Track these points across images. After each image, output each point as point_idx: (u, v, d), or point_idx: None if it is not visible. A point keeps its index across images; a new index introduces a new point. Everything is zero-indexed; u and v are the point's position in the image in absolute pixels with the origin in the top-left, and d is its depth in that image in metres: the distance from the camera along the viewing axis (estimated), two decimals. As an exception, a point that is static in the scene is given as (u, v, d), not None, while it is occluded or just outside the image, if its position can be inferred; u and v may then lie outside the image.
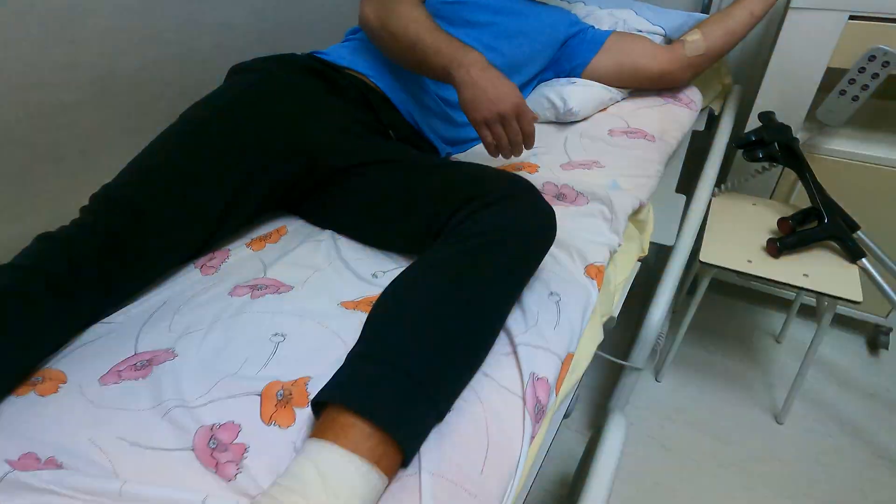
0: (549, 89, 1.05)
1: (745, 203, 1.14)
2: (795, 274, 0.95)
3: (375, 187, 0.74)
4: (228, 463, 0.47)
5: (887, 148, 1.08)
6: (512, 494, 0.47)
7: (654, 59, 1.04)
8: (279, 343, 0.59)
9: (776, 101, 1.09)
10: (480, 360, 0.54)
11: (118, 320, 0.65)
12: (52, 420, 0.53)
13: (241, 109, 0.75)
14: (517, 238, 0.57)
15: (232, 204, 0.72)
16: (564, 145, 0.98)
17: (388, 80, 0.89)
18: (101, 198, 0.64)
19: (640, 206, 0.85)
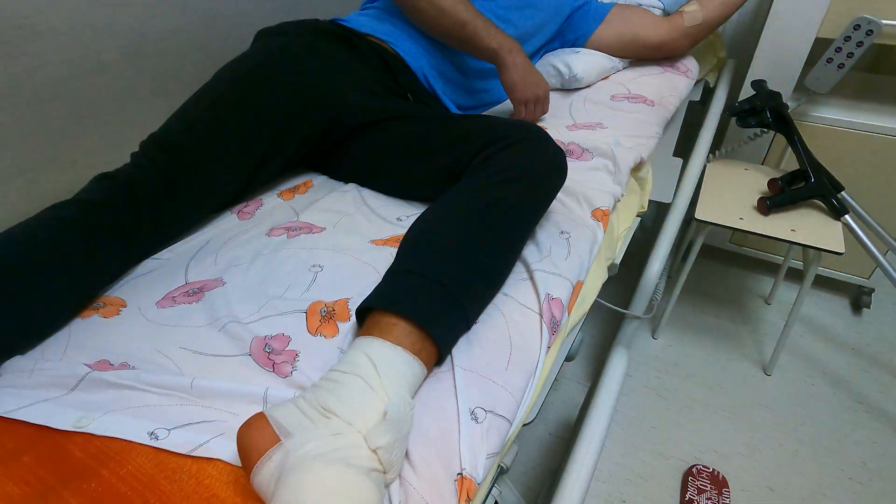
0: (555, 58, 1.11)
1: (738, 168, 1.21)
2: (783, 229, 1.02)
3: (397, 139, 0.80)
4: (283, 363, 0.53)
5: (872, 116, 1.15)
6: (532, 390, 0.54)
7: (654, 29, 1.10)
8: (318, 273, 0.65)
9: (768, 72, 1.16)
10: (502, 280, 0.60)
11: (166, 256, 0.71)
12: (117, 336, 0.59)
13: (272, 68, 0.81)
14: (533, 175, 0.63)
15: (266, 154, 0.78)
16: (569, 109, 1.04)
17: (406, 46, 0.95)
18: (152, 143, 0.70)
19: (640, 163, 0.92)
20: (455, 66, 0.99)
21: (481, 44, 0.89)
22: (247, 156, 0.75)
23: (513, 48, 0.89)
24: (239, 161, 0.75)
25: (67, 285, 0.60)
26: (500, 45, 0.88)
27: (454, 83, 1.01)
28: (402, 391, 0.45)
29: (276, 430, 0.41)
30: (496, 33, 0.89)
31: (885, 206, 1.18)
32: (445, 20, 0.88)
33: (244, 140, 0.75)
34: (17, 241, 0.58)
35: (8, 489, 0.44)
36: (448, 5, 0.87)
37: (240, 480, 0.44)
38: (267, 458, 0.40)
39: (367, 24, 0.96)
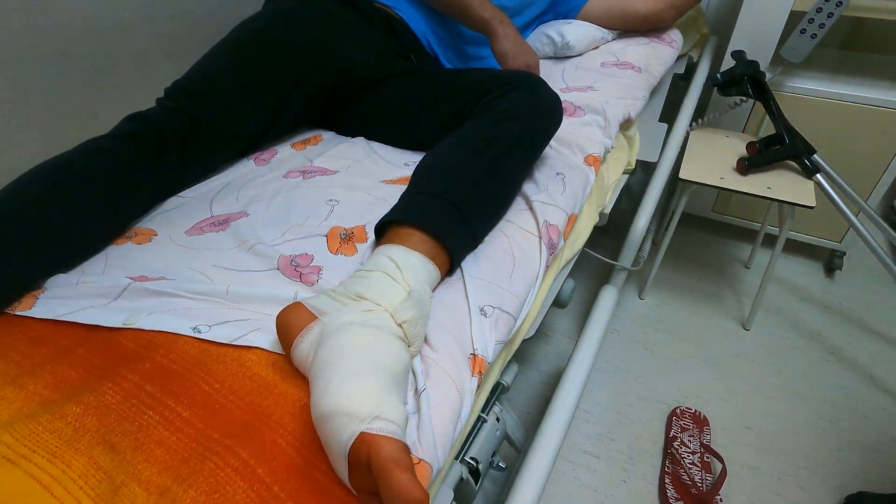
0: (548, 28, 1.18)
1: (720, 135, 1.28)
2: (760, 187, 1.10)
3: (403, 92, 0.86)
4: (309, 274, 0.59)
5: (843, 86, 1.23)
6: (533, 297, 0.60)
7: (642, 1, 1.17)
8: (334, 206, 0.71)
9: (747, 44, 1.23)
10: (506, 206, 0.66)
11: (190, 195, 0.76)
12: (152, 258, 0.64)
13: (285, 28, 0.86)
14: (530, 115, 0.70)
15: (281, 103, 0.83)
16: (562, 74, 1.11)
17: (410, 12, 1.00)
18: (177, 89, 0.75)
19: (628, 120, 0.98)
20: (453, 32, 1.05)
21: (474, 14, 0.93)
22: (263, 103, 0.81)
23: (503, 19, 0.93)
24: (256, 109, 0.80)
25: (103, 210, 0.65)
26: (491, 16, 0.92)
27: (453, 48, 1.07)
28: (422, 282, 0.51)
29: (312, 312, 0.47)
30: (488, 5, 0.94)
31: (855, 169, 1.27)
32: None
33: (261, 88, 0.80)
34: (55, 169, 0.63)
35: (66, 374, 0.50)
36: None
37: (277, 363, 0.50)
38: (307, 331, 0.45)
39: None
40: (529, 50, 0.95)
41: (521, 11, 1.15)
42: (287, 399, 0.45)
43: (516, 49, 0.93)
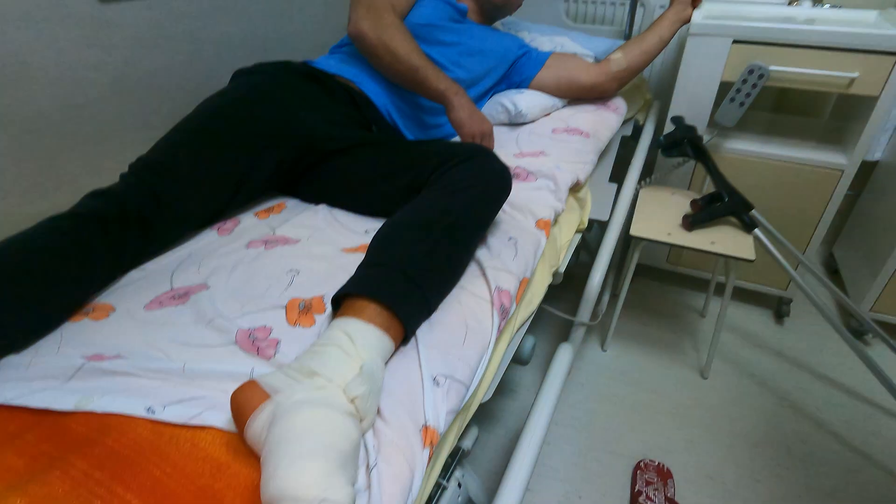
0: (503, 97, 1.26)
1: (667, 193, 1.36)
2: (705, 242, 1.16)
3: (363, 162, 0.90)
4: (267, 348, 0.60)
5: (775, 147, 1.34)
6: (486, 364, 0.63)
7: (587, 73, 1.27)
8: (294, 276, 0.73)
9: (685, 109, 1.34)
10: (459, 274, 0.70)
11: (151, 268, 0.76)
12: (108, 335, 0.64)
13: (250, 102, 0.90)
14: (481, 186, 0.74)
15: (244, 177, 0.86)
16: (516, 140, 1.18)
17: (371, 86, 1.06)
18: (141, 164, 0.78)
19: (578, 183, 1.05)
20: (412, 104, 1.11)
21: (431, 86, 1.00)
22: (226, 178, 0.83)
23: (458, 90, 1.01)
24: (219, 182, 0.83)
25: (60, 289, 0.65)
26: (446, 88, 1.00)
27: (412, 118, 1.13)
28: (374, 356, 0.53)
29: (266, 390, 0.48)
30: (443, 78, 1.01)
31: (791, 222, 1.36)
32: (400, 66, 1.00)
33: (225, 163, 0.83)
34: (14, 248, 0.63)
35: (11, 462, 0.49)
36: (403, 53, 0.99)
37: (231, 442, 0.50)
38: (260, 410, 0.46)
39: (335, 66, 1.08)
40: (483, 118, 1.03)
41: (476, 83, 1.22)
42: (239, 480, 0.46)
43: (471, 117, 1.00)
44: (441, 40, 1.16)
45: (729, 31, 1.22)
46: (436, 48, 1.15)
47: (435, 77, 1.01)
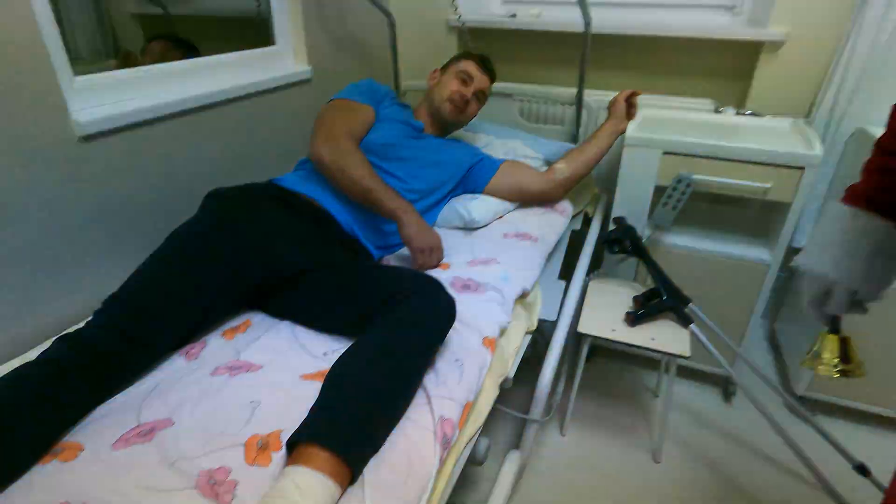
0: (458, 203, 1.37)
1: (613, 285, 1.47)
2: (645, 338, 1.26)
3: (324, 287, 0.98)
4: (225, 493, 0.66)
5: (708, 243, 1.47)
6: (429, 494, 0.69)
7: (535, 181, 1.39)
8: (255, 408, 0.79)
9: (626, 209, 1.46)
10: (405, 407, 0.77)
11: (120, 399, 0.82)
12: (75, 479, 0.69)
13: (218, 231, 0.99)
14: (427, 321, 0.83)
15: (211, 306, 0.93)
16: (471, 246, 1.28)
17: (332, 203, 1.16)
18: (112, 301, 0.84)
19: (525, 292, 1.14)
20: (370, 216, 1.21)
21: (383, 207, 1.12)
22: (196, 308, 0.90)
23: (407, 209, 1.12)
24: (189, 312, 0.90)
25: (28, 440, 0.70)
26: (397, 207, 1.12)
27: (371, 228, 1.22)
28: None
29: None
30: (394, 197, 1.13)
31: (728, 313, 1.47)
32: (355, 188, 1.11)
33: (194, 295, 0.90)
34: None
35: None
36: (357, 177, 1.11)
37: None
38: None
39: (299, 184, 1.18)
40: (430, 232, 1.14)
41: (433, 192, 1.34)
42: None
43: (419, 234, 1.11)
44: (400, 156, 1.28)
45: (658, 144, 1.36)
46: (395, 163, 1.26)
47: (387, 198, 1.12)
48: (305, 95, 1.55)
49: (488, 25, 1.82)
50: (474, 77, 1.40)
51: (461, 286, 1.11)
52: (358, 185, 1.11)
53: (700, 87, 1.74)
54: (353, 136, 1.19)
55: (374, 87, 1.36)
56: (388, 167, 1.25)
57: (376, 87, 1.37)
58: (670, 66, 1.76)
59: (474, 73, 1.40)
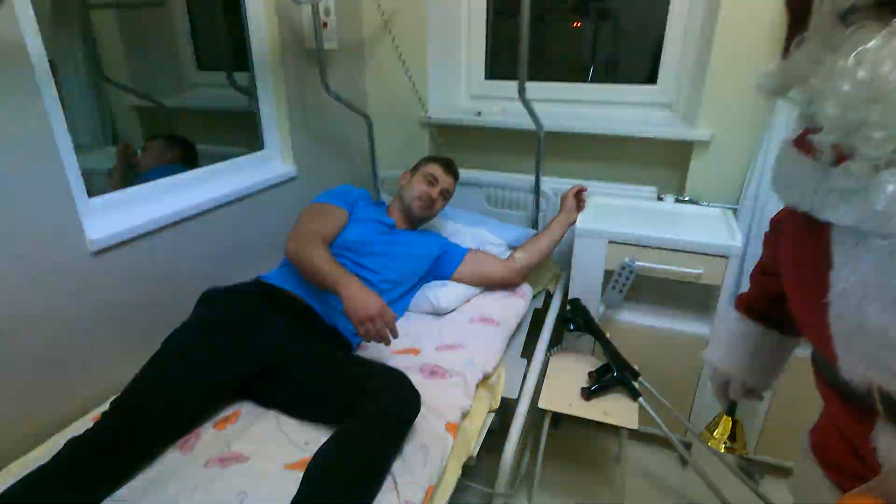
0: (428, 290, 1.53)
1: (573, 360, 1.61)
2: (598, 412, 1.39)
3: (305, 381, 1.11)
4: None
5: (654, 319, 1.63)
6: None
7: (496, 269, 1.56)
8: (243, 499, 0.90)
9: (581, 290, 1.63)
10: (375, 495, 0.89)
11: (123, 493, 0.92)
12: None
13: (210, 331, 1.13)
14: (395, 416, 0.96)
15: (205, 401, 1.06)
16: (440, 331, 1.42)
17: (312, 297, 1.31)
18: (115, 406, 0.97)
19: (486, 375, 1.28)
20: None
21: (326, 282, 1.20)
22: (190, 405, 1.03)
23: (345, 281, 1.17)
24: (185, 410, 1.02)
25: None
26: (335, 282, 1.17)
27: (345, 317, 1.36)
28: None
29: None
30: (335, 272, 1.20)
31: (676, 385, 1.61)
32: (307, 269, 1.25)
33: (188, 394, 1.03)
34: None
35: None
36: (311, 263, 1.23)
37: None
38: None
39: (283, 280, 1.33)
40: (369, 301, 1.14)
41: (403, 282, 1.49)
42: None
43: (355, 307, 1.13)
44: (373, 251, 1.44)
45: (604, 234, 1.55)
46: (369, 258, 1.43)
47: (329, 273, 1.21)
48: (292, 192, 1.73)
49: (456, 123, 2.04)
50: (439, 179, 1.59)
51: (429, 372, 1.25)
52: (311, 268, 1.23)
53: (645, 175, 1.96)
54: (321, 233, 1.35)
55: (349, 191, 1.55)
56: (363, 261, 1.41)
57: (351, 190, 1.56)
58: (617, 157, 1.98)
59: (439, 175, 1.59)
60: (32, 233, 1.02)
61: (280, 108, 1.70)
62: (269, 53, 1.62)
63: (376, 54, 2.04)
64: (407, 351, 1.34)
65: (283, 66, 1.64)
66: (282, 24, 1.60)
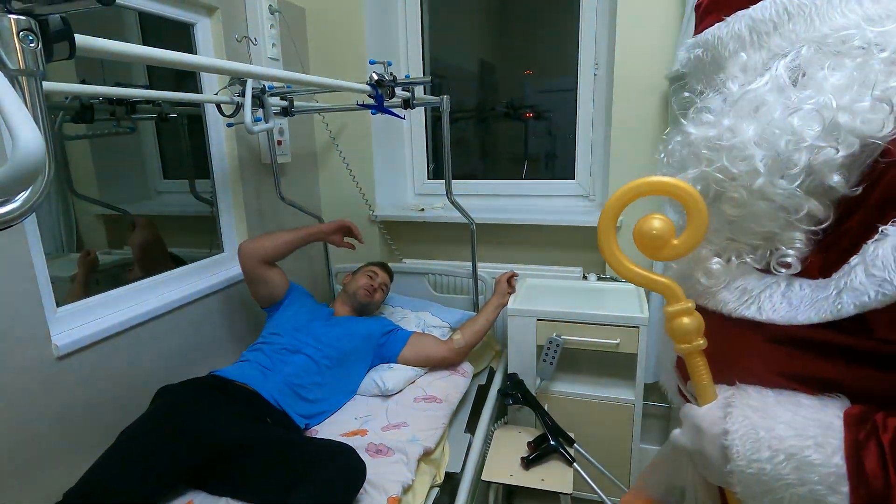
0: (375, 374, 1.65)
1: (515, 431, 1.73)
2: (536, 479, 1.50)
3: (255, 465, 1.20)
4: None
5: (587, 388, 1.78)
6: None
7: (437, 350, 1.72)
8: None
9: (518, 366, 1.78)
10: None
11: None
12: None
13: (162, 422, 1.22)
14: (340, 488, 1.06)
15: (158, 487, 1.13)
16: (386, 412, 1.54)
17: (262, 385, 1.42)
18: (71, 496, 1.03)
19: (428, 451, 1.39)
20: (292, 393, 1.46)
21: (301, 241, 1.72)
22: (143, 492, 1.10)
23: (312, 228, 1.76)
24: (136, 496, 1.09)
25: None
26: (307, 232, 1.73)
27: (294, 398, 1.47)
28: None
29: None
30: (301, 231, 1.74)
31: (611, 447, 1.74)
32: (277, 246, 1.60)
33: (140, 485, 1.11)
34: None
35: None
36: (273, 243, 1.60)
37: None
38: None
39: (235, 373, 1.45)
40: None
41: (345, 359, 1.62)
42: None
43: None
44: (315, 329, 1.61)
45: (533, 313, 1.73)
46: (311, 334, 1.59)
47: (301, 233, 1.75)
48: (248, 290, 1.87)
49: (401, 219, 2.27)
50: (378, 274, 1.86)
51: (374, 451, 1.35)
52: (280, 243, 1.67)
53: (571, 257, 2.20)
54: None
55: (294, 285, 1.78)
56: (301, 337, 1.58)
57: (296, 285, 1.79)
58: (547, 243, 2.22)
59: (377, 272, 1.87)
60: (0, 340, 1.13)
61: (238, 215, 1.89)
62: (229, 169, 1.84)
63: (328, 163, 2.30)
64: (354, 433, 1.44)
65: (242, 178, 1.85)
66: (240, 145, 1.83)
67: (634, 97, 1.89)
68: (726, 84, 0.60)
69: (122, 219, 2.01)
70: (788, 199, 0.53)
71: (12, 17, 0.44)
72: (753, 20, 0.57)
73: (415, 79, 1.58)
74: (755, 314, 0.56)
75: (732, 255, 0.60)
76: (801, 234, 0.54)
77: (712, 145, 0.58)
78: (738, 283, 0.59)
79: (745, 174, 0.55)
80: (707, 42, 0.62)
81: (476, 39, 2.49)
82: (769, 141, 0.53)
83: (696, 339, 0.62)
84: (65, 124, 1.69)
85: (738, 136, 0.55)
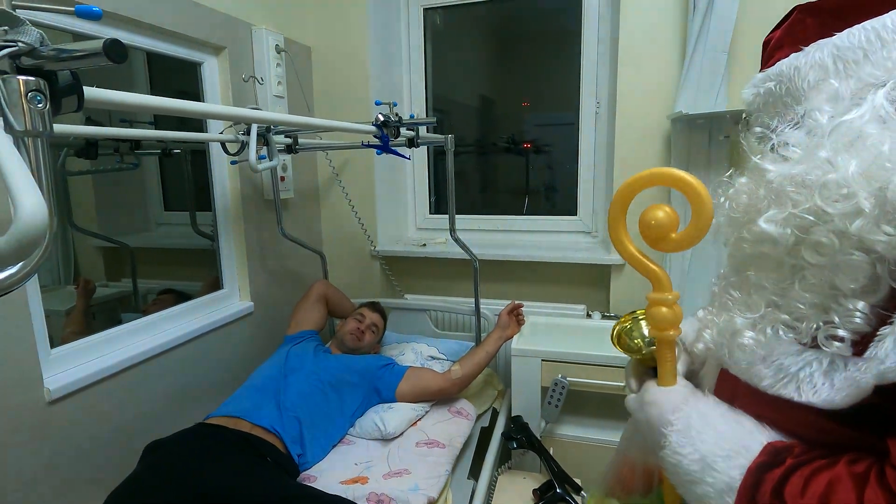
0: (374, 414, 1.61)
1: (520, 477, 1.67)
2: (543, 530, 1.44)
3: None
4: None
5: (593, 431, 1.73)
6: None
7: (434, 381, 1.68)
8: None
9: (522, 408, 1.74)
10: None
11: None
12: None
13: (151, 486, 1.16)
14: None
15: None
16: (387, 458, 1.48)
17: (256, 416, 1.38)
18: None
19: (431, 500, 1.33)
20: (295, 417, 1.43)
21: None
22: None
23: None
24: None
25: None
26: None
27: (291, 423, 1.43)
28: None
29: None
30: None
31: (618, 494, 1.68)
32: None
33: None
34: None
35: None
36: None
37: None
38: None
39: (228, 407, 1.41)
40: None
41: (340, 385, 1.59)
42: None
43: None
44: (313, 361, 1.60)
45: (538, 353, 1.70)
46: (309, 367, 1.59)
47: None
48: (248, 327, 1.84)
49: (403, 254, 2.25)
50: (367, 316, 1.86)
51: (376, 501, 1.29)
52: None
53: (574, 294, 2.17)
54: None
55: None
56: (301, 370, 1.54)
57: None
58: (549, 279, 2.20)
59: (366, 314, 1.86)
60: (-5, 386, 1.09)
61: (239, 251, 1.87)
62: (232, 205, 1.83)
63: (329, 197, 2.29)
64: (354, 480, 1.38)
65: (244, 214, 1.84)
66: (243, 181, 1.82)
67: (636, 136, 1.90)
68: (812, 115, 0.53)
69: (121, 251, 1.99)
70: (893, 249, 0.44)
71: (21, 79, 0.43)
72: (839, 48, 0.53)
73: (420, 119, 1.59)
74: (793, 394, 0.51)
75: (769, 328, 0.54)
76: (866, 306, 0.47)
77: (799, 182, 0.50)
78: (775, 357, 0.54)
79: (842, 215, 0.47)
80: (782, 74, 0.57)
81: (477, 75, 2.53)
82: (876, 177, 0.45)
83: (670, 329, 0.66)
84: (68, 158, 1.69)
85: (839, 171, 0.47)
